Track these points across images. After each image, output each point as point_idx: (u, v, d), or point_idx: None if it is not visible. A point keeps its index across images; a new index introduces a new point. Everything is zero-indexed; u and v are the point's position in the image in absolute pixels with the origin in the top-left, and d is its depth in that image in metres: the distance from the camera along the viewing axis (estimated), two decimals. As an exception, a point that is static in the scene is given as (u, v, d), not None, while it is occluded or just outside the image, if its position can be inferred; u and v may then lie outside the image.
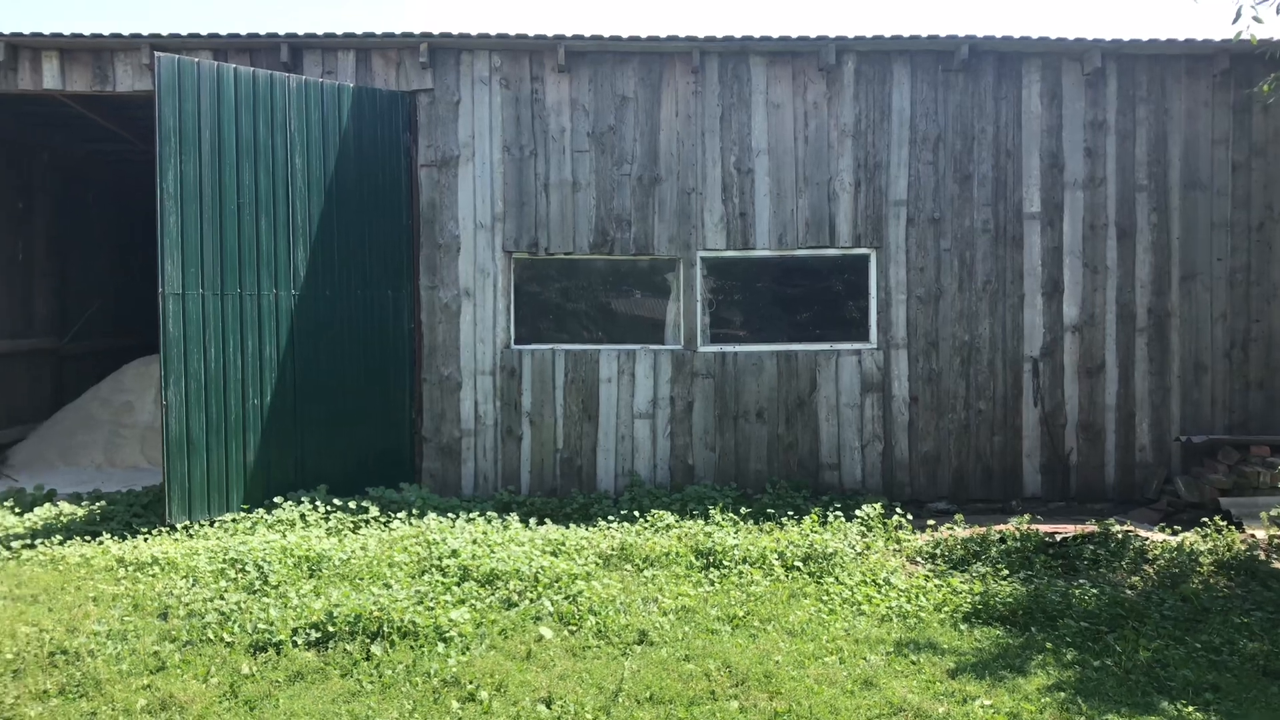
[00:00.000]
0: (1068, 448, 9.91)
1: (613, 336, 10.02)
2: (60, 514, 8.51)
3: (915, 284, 9.90)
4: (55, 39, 9.50)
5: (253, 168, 8.75)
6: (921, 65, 9.90)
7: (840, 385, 9.88)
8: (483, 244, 9.84)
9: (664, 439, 9.85)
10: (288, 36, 9.57)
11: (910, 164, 9.89)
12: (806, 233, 9.85)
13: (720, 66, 9.85)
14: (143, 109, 10.97)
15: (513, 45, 9.77)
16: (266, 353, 8.87)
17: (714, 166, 9.83)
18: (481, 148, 9.83)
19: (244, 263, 8.70)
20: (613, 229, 9.82)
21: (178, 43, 9.52)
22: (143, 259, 13.84)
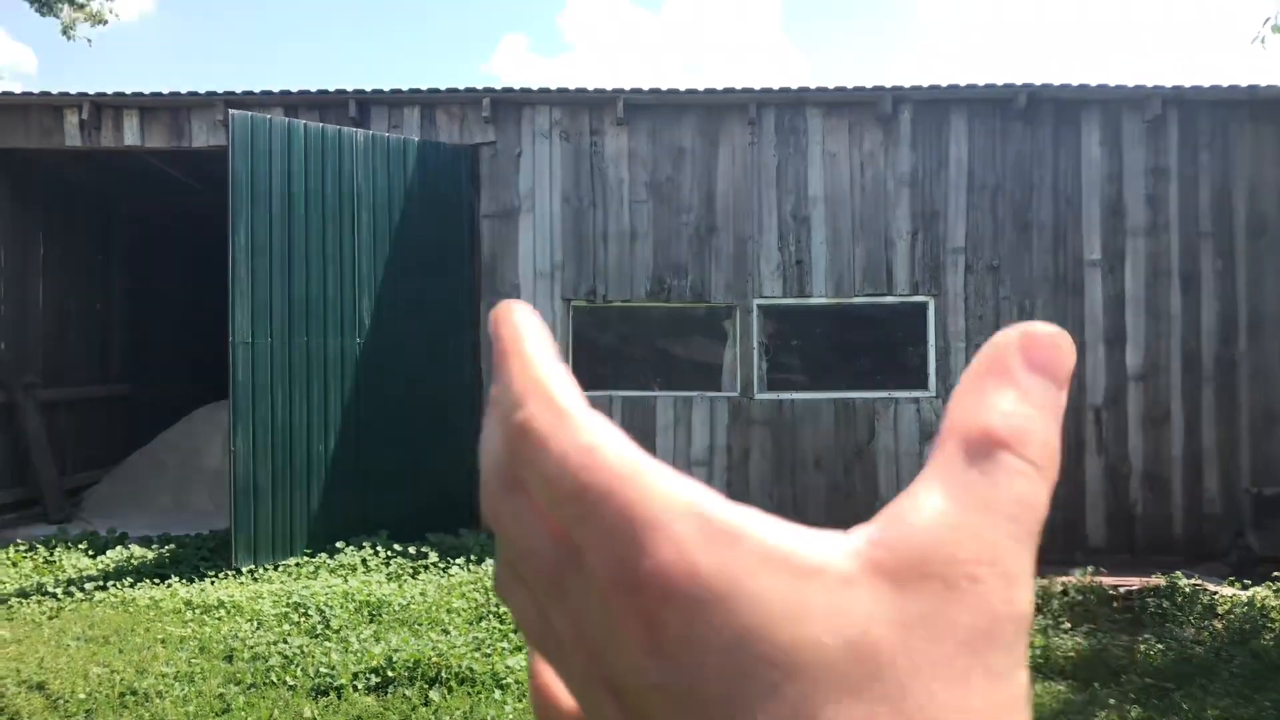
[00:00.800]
0: (1132, 499, 9.72)
1: (669, 383, 10.08)
2: (131, 556, 8.73)
3: (974, 332, 9.84)
4: (136, 98, 9.91)
5: (320, 219, 9.01)
6: (979, 114, 9.92)
7: (899, 433, 9.82)
8: (542, 292, 9.99)
9: (721, 487, 9.85)
10: (355, 93, 9.88)
11: (968, 212, 9.88)
12: (863, 280, 9.86)
13: (777, 118, 9.96)
14: (216, 163, 11.33)
15: (572, 99, 9.98)
16: (331, 400, 9.06)
17: (770, 215, 9.91)
18: (541, 198, 10.02)
19: (311, 312, 8.93)
20: (670, 277, 9.92)
21: (251, 100, 9.88)
22: (213, 308, 14.23)
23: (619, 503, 0.26)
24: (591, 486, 0.27)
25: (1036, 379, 0.28)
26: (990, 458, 0.27)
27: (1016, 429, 0.28)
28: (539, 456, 0.28)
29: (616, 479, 0.26)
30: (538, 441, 0.28)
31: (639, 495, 0.26)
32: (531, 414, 0.28)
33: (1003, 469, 0.27)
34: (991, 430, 0.28)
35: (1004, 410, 0.28)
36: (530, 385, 0.29)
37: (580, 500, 0.27)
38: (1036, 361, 0.29)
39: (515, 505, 0.30)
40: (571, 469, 0.27)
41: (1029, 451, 0.28)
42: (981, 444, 0.27)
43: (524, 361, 0.30)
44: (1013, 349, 0.29)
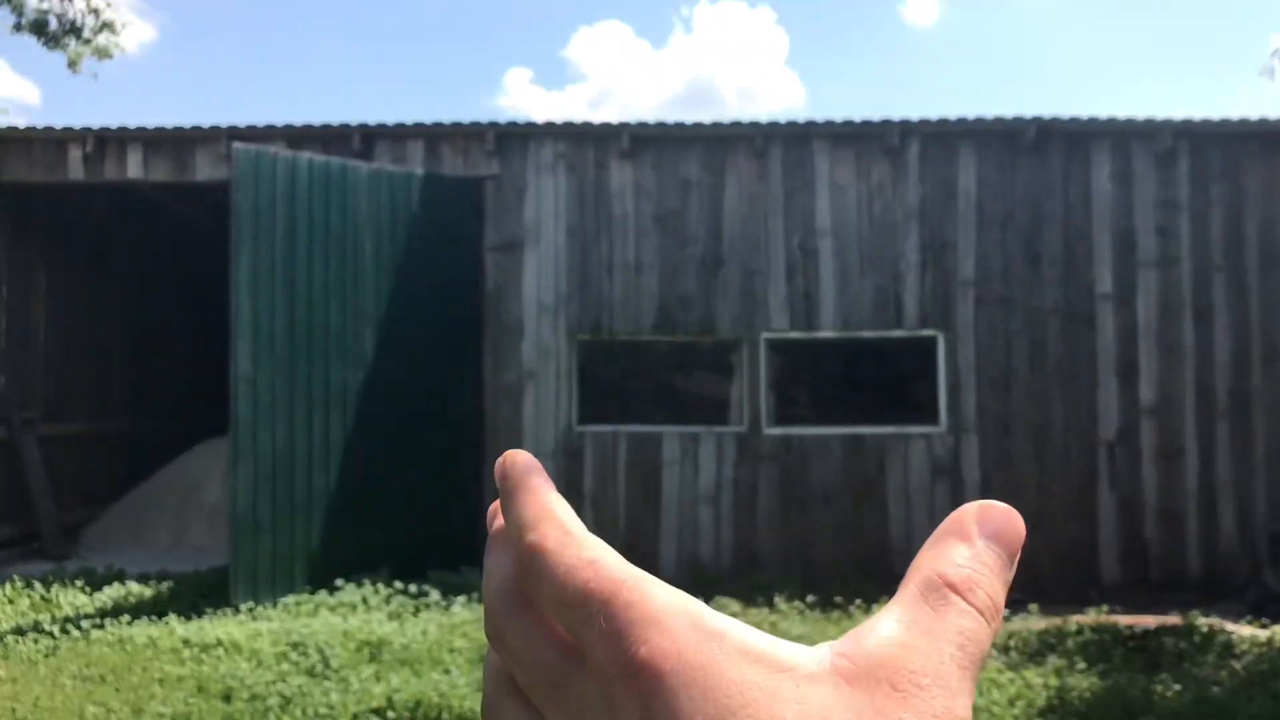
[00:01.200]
0: (1147, 535, 9.56)
1: (676, 417, 9.96)
2: (129, 594, 8.58)
3: (985, 366, 9.72)
4: (140, 131, 9.89)
5: (324, 252, 8.94)
6: (988, 147, 9.86)
7: (909, 469, 9.68)
8: (546, 326, 9.90)
9: (728, 523, 9.70)
10: (360, 126, 9.85)
11: (978, 245, 9.79)
12: (872, 314, 9.76)
13: (784, 150, 9.90)
14: (219, 196, 11.32)
15: (578, 132, 9.95)
16: (333, 434, 8.95)
17: (778, 248, 9.83)
18: (546, 231, 9.95)
19: (314, 345, 8.84)
20: (676, 310, 9.83)
21: (255, 133, 9.85)
22: (214, 341, 14.16)
23: (620, 604, 0.31)
24: (595, 592, 0.32)
25: (990, 544, 0.35)
26: (943, 598, 0.33)
27: (967, 578, 0.33)
28: (549, 569, 0.33)
29: (617, 585, 0.32)
30: (549, 557, 0.34)
31: (637, 598, 0.31)
32: (543, 534, 0.34)
33: (953, 608, 0.33)
34: (946, 576, 0.33)
35: (958, 563, 0.34)
36: (540, 511, 0.35)
37: (586, 604, 0.32)
38: (990, 530, 0.35)
39: (522, 623, 0.35)
40: (578, 578, 0.32)
41: (975, 598, 0.33)
42: (937, 587, 0.33)
43: (532, 494, 0.36)
44: (971, 518, 0.35)
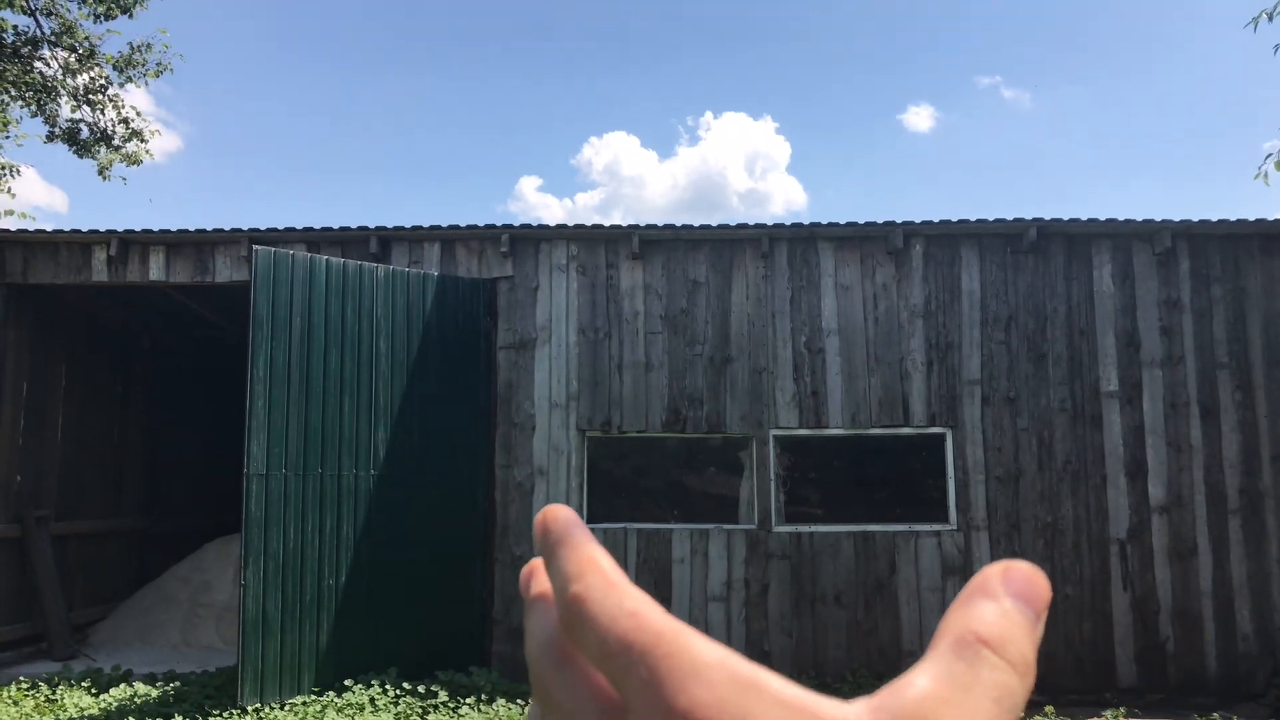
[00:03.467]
0: (1163, 636, 9.44)
1: (685, 515, 9.97)
2: (135, 694, 8.52)
3: (993, 464, 9.74)
4: (163, 234, 10.17)
5: (339, 352, 9.10)
6: (990, 248, 10.05)
7: (920, 568, 9.63)
8: (557, 423, 9.99)
9: (739, 623, 9.63)
10: (377, 229, 10.12)
11: (983, 344, 9.91)
12: (880, 412, 9.83)
13: (789, 251, 10.11)
14: (238, 297, 11.57)
15: (589, 235, 10.19)
16: (344, 532, 8.98)
17: (785, 346, 9.97)
18: (558, 330, 10.12)
19: (326, 444, 8.94)
20: (685, 407, 9.92)
21: (274, 236, 10.11)
22: (228, 440, 14.27)
23: (660, 654, 0.32)
24: (636, 642, 0.33)
25: (1017, 602, 0.36)
26: (976, 654, 0.34)
27: (999, 634, 0.34)
28: (593, 619, 0.35)
29: (658, 636, 0.33)
30: (592, 606, 0.35)
31: (677, 649, 0.32)
32: (588, 585, 0.36)
33: (986, 664, 0.33)
34: (978, 633, 0.34)
35: (988, 620, 0.35)
36: (583, 564, 0.37)
37: (628, 654, 0.33)
38: (1016, 589, 0.36)
39: (565, 676, 0.37)
40: (620, 629, 0.34)
41: (1008, 653, 0.34)
42: (970, 643, 0.34)
43: (576, 547, 0.38)
44: (997, 578, 0.36)
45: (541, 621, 0.40)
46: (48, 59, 13.58)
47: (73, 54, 13.59)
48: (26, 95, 12.88)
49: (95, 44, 13.84)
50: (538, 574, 0.42)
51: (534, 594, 0.41)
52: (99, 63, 13.66)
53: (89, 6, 13.39)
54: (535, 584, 0.41)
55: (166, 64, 14.65)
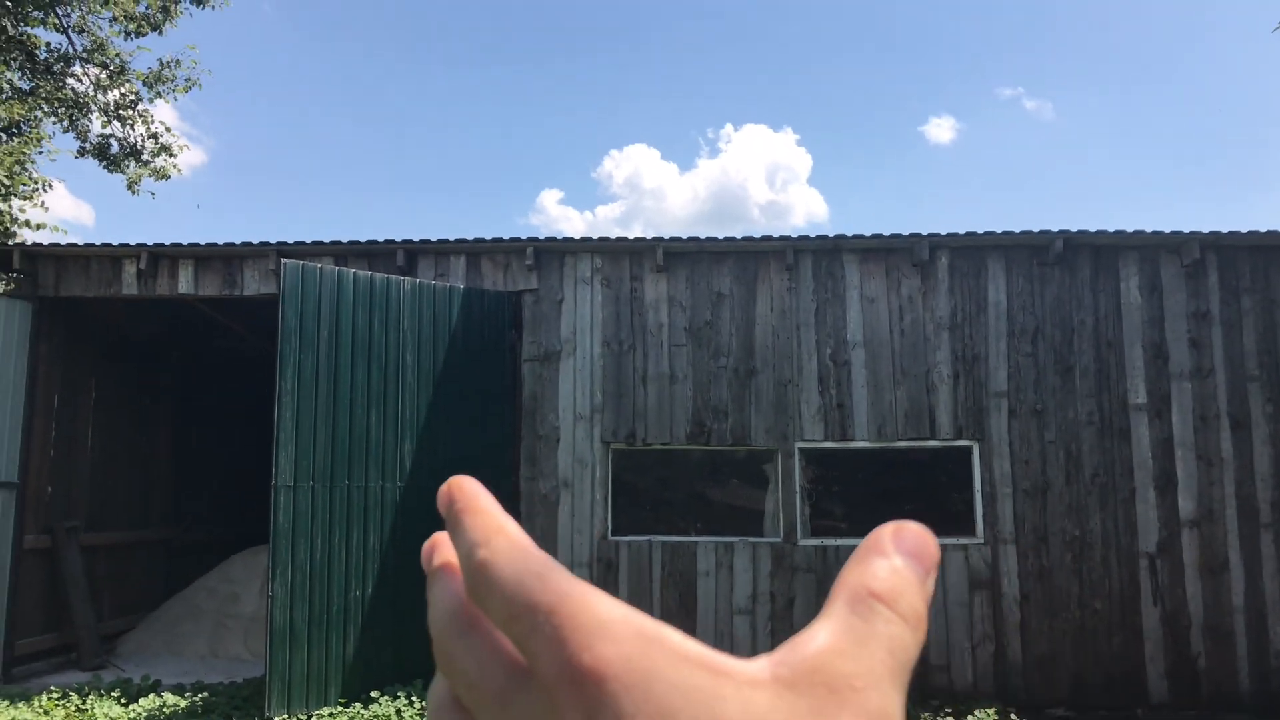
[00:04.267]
0: (1194, 651, 9.33)
1: (710, 528, 9.95)
2: (163, 705, 8.58)
3: (1020, 477, 9.68)
4: (192, 248, 10.27)
5: (366, 364, 9.16)
6: (1016, 259, 10.01)
7: (947, 582, 9.57)
8: (581, 435, 10.00)
9: (765, 636, 9.59)
10: (404, 243, 10.18)
11: (1009, 356, 9.86)
12: (906, 424, 9.79)
13: (814, 263, 10.10)
14: (265, 310, 11.65)
15: (613, 247, 10.22)
16: (370, 544, 9.02)
17: (810, 359, 9.95)
18: (582, 343, 10.14)
19: (354, 455, 8.98)
20: (709, 420, 9.92)
21: (302, 249, 10.20)
22: (255, 452, 14.36)
23: (565, 613, 0.33)
24: (542, 603, 0.33)
25: (908, 560, 0.37)
26: (870, 609, 0.35)
27: (891, 589, 0.35)
28: (499, 582, 0.35)
29: (563, 596, 0.33)
30: (499, 570, 0.35)
31: (581, 608, 0.33)
32: (494, 549, 0.36)
33: (880, 617, 0.35)
34: (871, 588, 0.35)
35: (881, 576, 0.36)
36: (490, 529, 0.37)
37: (534, 614, 0.33)
38: (907, 548, 0.37)
39: (469, 643, 0.37)
40: (526, 590, 0.34)
41: (900, 607, 0.35)
42: (864, 598, 0.35)
43: (483, 514, 0.38)
44: (889, 537, 0.37)
45: (444, 591, 0.40)
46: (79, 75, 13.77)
47: (104, 70, 13.77)
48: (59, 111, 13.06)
49: (126, 60, 14.03)
50: (440, 547, 0.42)
51: (436, 565, 0.41)
52: (129, 79, 13.85)
53: (120, 24, 13.58)
54: (438, 556, 0.42)
55: (195, 80, 14.82)
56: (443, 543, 0.42)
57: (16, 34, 12.54)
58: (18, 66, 12.67)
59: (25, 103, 11.83)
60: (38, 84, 12.80)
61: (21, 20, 12.57)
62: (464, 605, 0.38)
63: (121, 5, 13.17)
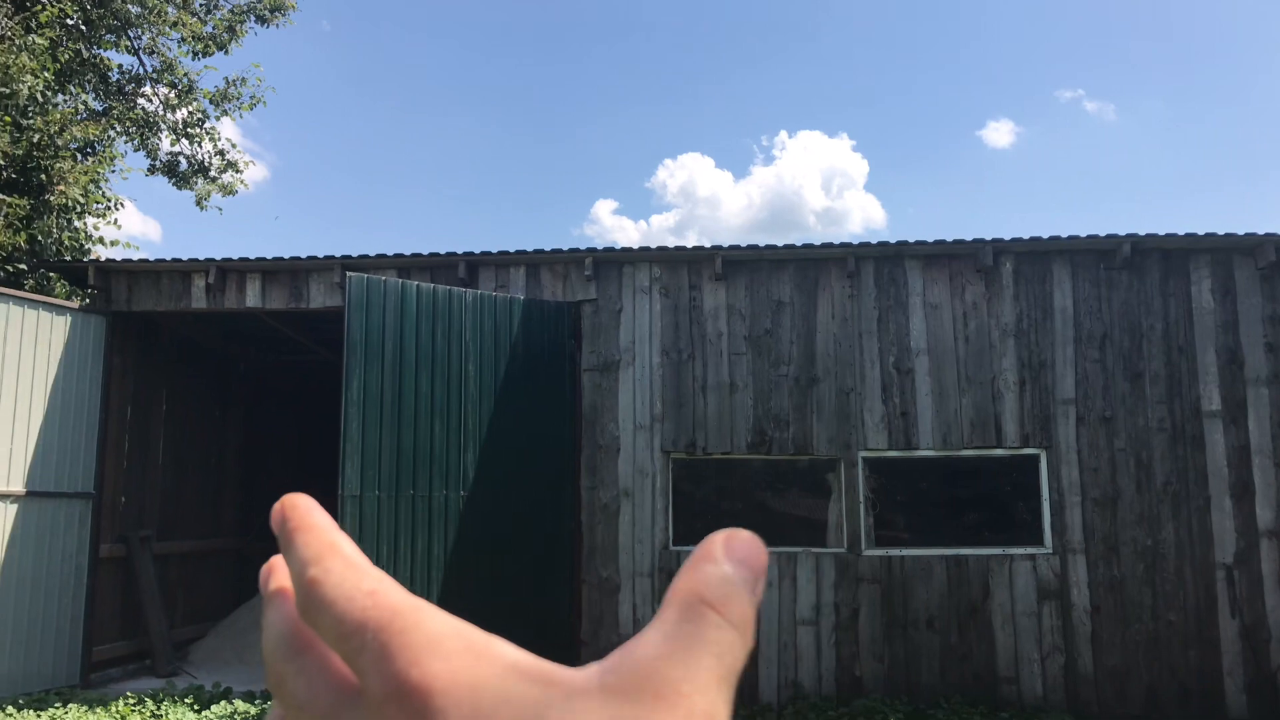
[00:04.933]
0: (1275, 665, 9.07)
1: (771, 538, 9.88)
2: (235, 711, 8.73)
3: (1090, 485, 9.49)
4: (259, 262, 10.48)
5: (430, 375, 9.26)
6: (1082, 264, 9.84)
7: (1015, 592, 9.41)
8: (641, 444, 10.01)
9: (829, 647, 9.51)
10: (465, 255, 10.29)
11: (1077, 362, 9.68)
12: (971, 432, 9.66)
13: (876, 270, 10.02)
14: (331, 322, 11.84)
15: (672, 257, 10.22)
16: (435, 553, 9.10)
17: (872, 367, 9.86)
18: (641, 352, 10.15)
19: (418, 465, 9.08)
20: (771, 429, 9.87)
21: (366, 262, 10.35)
22: (321, 462, 14.59)
23: (394, 630, 0.33)
24: (372, 620, 0.33)
25: (738, 566, 0.37)
26: (700, 615, 0.35)
27: (721, 595, 0.36)
28: (329, 601, 0.35)
29: (393, 613, 0.33)
30: (330, 589, 0.35)
31: (412, 623, 0.33)
32: (325, 567, 0.36)
33: (709, 623, 0.35)
34: (701, 594, 0.36)
35: (711, 583, 0.36)
36: (322, 547, 0.37)
37: (363, 632, 0.33)
38: (738, 555, 0.37)
39: (300, 665, 0.37)
40: (356, 607, 0.34)
41: (729, 614, 0.36)
42: (693, 604, 0.35)
43: (314, 531, 0.38)
44: (719, 545, 0.38)
45: (277, 614, 0.39)
46: (149, 95, 14.16)
47: (172, 90, 14.14)
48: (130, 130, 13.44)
49: (193, 80, 14.41)
50: (276, 570, 0.41)
51: (272, 589, 0.40)
52: (197, 97, 14.20)
53: (188, 44, 13.94)
54: (273, 580, 0.41)
55: (259, 97, 15.17)
56: (278, 567, 0.41)
57: (91, 57, 12.94)
58: (92, 88, 13.08)
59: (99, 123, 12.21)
60: (110, 105, 13.19)
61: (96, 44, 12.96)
62: (296, 627, 0.38)
63: (189, 26, 13.55)
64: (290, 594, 0.39)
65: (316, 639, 0.37)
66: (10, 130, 11.51)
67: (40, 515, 9.98)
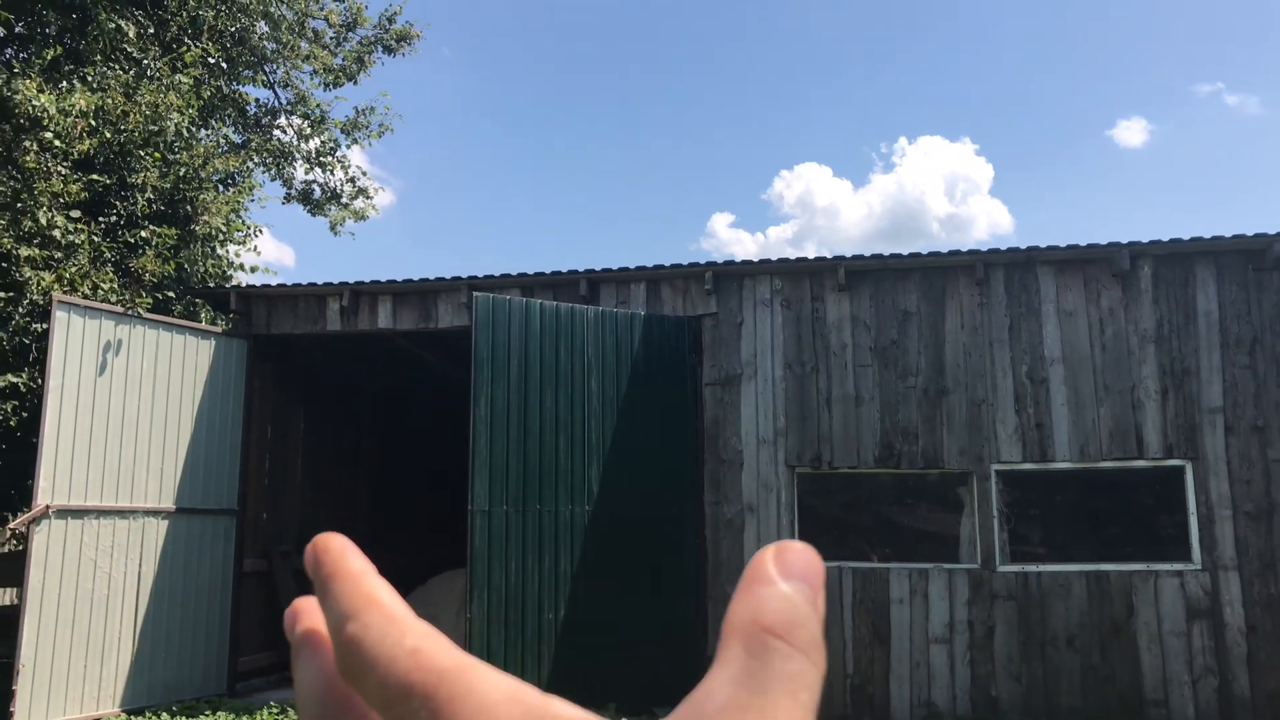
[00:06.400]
0: None
1: (899, 553, 9.67)
2: None
3: (1242, 498, 8.99)
4: (390, 285, 10.80)
5: (554, 391, 9.38)
6: (1227, 266, 9.36)
7: (1161, 610, 8.97)
8: (765, 459, 9.92)
9: (963, 666, 9.23)
10: (586, 272, 10.40)
11: (1224, 368, 9.21)
12: (1110, 443, 9.27)
13: (1006, 277, 9.73)
14: (458, 341, 12.11)
15: (793, 268, 10.13)
16: (562, 567, 9.19)
17: (1004, 377, 9.57)
18: (763, 365, 10.08)
19: (544, 480, 9.20)
20: (898, 442, 9.66)
21: (491, 282, 10.56)
22: (448, 478, 14.91)
23: (443, 697, 0.31)
24: (419, 684, 0.31)
25: (797, 584, 0.34)
26: (765, 647, 0.33)
27: (785, 621, 0.33)
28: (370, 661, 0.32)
29: (440, 675, 0.31)
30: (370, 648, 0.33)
31: (462, 689, 0.31)
32: (365, 624, 0.33)
33: (777, 655, 0.33)
34: (764, 624, 0.33)
35: (773, 608, 0.34)
36: (361, 599, 0.34)
37: (408, 699, 0.31)
38: (793, 570, 0.35)
39: None
40: (401, 669, 0.32)
41: (797, 639, 0.33)
42: (757, 636, 0.33)
43: (351, 580, 0.35)
44: (771, 562, 0.35)
45: (312, 669, 0.37)
46: (284, 126, 14.81)
47: (305, 120, 14.76)
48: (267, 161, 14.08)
49: (325, 111, 15.03)
50: (303, 613, 0.39)
51: (300, 633, 0.38)
52: (328, 127, 14.79)
53: (320, 76, 14.53)
54: (301, 623, 0.38)
55: (387, 125, 15.71)
56: (306, 608, 0.39)
57: (230, 92, 13.62)
58: (231, 122, 13.77)
59: (239, 155, 12.83)
60: (249, 137, 13.87)
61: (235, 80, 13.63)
62: (334, 685, 0.36)
63: (321, 60, 14.16)
64: (322, 640, 0.37)
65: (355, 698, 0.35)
66: (159, 165, 12.19)
67: (189, 531, 10.46)
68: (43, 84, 10.82)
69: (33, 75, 10.92)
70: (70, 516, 9.29)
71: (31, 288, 10.60)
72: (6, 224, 10.58)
